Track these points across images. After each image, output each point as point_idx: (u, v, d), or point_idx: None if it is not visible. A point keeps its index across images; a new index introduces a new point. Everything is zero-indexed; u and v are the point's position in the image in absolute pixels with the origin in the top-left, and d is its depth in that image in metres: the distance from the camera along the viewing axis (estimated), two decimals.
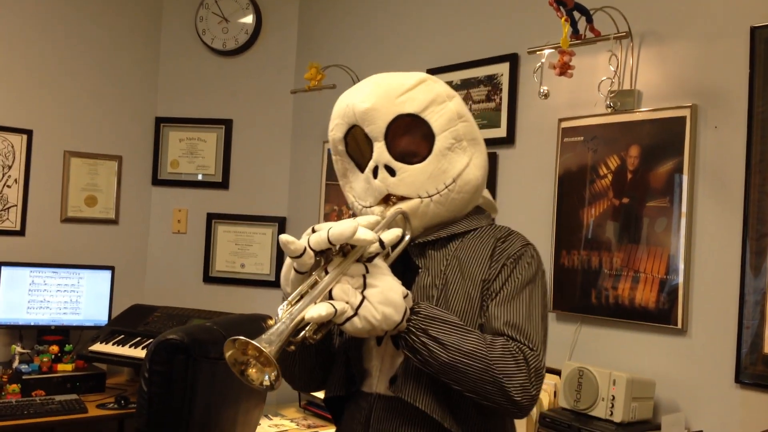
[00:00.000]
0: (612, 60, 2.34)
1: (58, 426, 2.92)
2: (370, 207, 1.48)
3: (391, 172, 1.44)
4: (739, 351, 2.03)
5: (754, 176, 2.03)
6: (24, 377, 3.01)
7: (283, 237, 1.23)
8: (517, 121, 2.72)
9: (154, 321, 3.32)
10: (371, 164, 1.46)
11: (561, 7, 2.21)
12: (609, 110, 2.33)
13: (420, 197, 1.44)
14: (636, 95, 2.31)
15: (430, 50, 3.09)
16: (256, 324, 2.27)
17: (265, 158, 3.89)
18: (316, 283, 1.22)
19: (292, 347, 1.18)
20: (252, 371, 1.14)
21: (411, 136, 1.45)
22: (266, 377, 1.13)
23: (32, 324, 3.36)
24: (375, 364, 1.44)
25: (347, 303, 1.20)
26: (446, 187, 1.44)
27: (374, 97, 1.43)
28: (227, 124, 3.90)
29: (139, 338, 3.17)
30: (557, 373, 2.34)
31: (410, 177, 1.44)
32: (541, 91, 2.35)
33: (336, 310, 1.18)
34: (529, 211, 2.64)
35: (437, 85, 1.48)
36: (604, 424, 2.06)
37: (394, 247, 1.39)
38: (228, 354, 1.14)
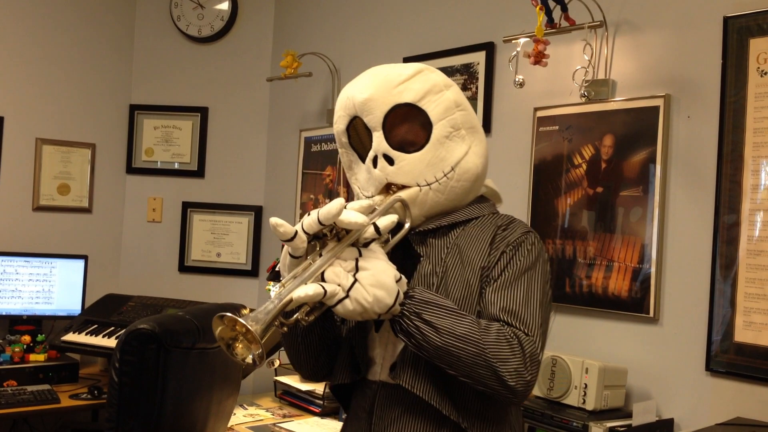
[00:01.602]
0: (586, 49, 2.34)
1: (30, 416, 2.90)
2: (372, 197, 1.49)
3: (390, 161, 1.46)
4: (709, 339, 2.05)
5: (726, 166, 2.05)
6: None
7: (273, 220, 1.24)
8: (493, 110, 2.72)
9: (128, 310, 3.29)
10: (371, 153, 1.48)
11: None
12: (583, 99, 2.33)
13: (419, 185, 1.45)
14: (610, 84, 2.32)
15: (407, 39, 3.08)
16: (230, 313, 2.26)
17: (242, 147, 3.87)
18: (310, 265, 1.25)
19: (285, 328, 1.21)
20: (239, 346, 1.17)
21: (409, 125, 1.47)
22: (251, 354, 1.15)
23: (4, 314, 3.32)
24: (378, 352, 1.46)
25: (339, 285, 1.22)
26: (445, 175, 1.46)
27: (372, 87, 1.46)
28: (203, 111, 3.86)
29: (112, 328, 3.14)
30: None
31: (408, 165, 1.45)
32: (517, 80, 2.35)
33: (326, 291, 1.20)
34: (504, 199, 2.63)
35: (434, 74, 1.50)
36: (577, 412, 2.07)
37: (393, 234, 1.40)
38: (217, 330, 1.16)
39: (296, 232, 1.25)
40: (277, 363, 3.04)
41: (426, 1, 3.02)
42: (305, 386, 2.81)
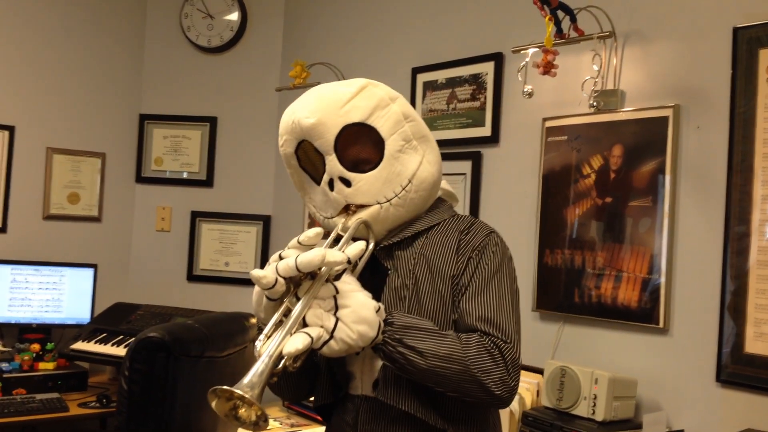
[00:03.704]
0: (596, 59, 2.34)
1: (39, 425, 2.90)
2: (332, 218, 1.48)
3: (346, 182, 1.44)
4: (720, 350, 2.04)
5: (736, 176, 2.04)
6: (5, 375, 2.98)
7: (254, 273, 1.23)
8: (501, 120, 2.72)
9: (136, 319, 3.30)
10: (326, 177, 1.45)
11: (545, 6, 2.21)
12: (592, 110, 2.34)
13: (379, 203, 1.44)
14: (619, 95, 2.32)
15: (416, 49, 3.09)
16: (238, 323, 2.26)
17: (250, 156, 3.88)
18: (289, 311, 1.23)
19: (275, 378, 1.19)
20: (242, 411, 1.16)
21: (361, 145, 1.45)
22: (254, 414, 1.15)
23: (13, 322, 3.33)
24: (357, 366, 1.46)
25: (322, 327, 1.22)
26: (403, 188, 1.44)
27: (318, 111, 1.42)
28: (212, 121, 3.88)
29: (121, 336, 3.15)
30: (540, 371, 2.34)
31: (366, 185, 1.43)
32: (525, 90, 2.36)
33: (312, 339, 1.19)
34: (513, 210, 2.65)
35: (378, 89, 1.47)
36: (587, 423, 2.06)
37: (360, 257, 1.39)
38: (214, 403, 1.14)
39: (276, 280, 1.23)
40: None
41: (435, 12, 3.04)
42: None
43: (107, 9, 3.81)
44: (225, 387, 1.11)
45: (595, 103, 2.32)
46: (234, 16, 3.83)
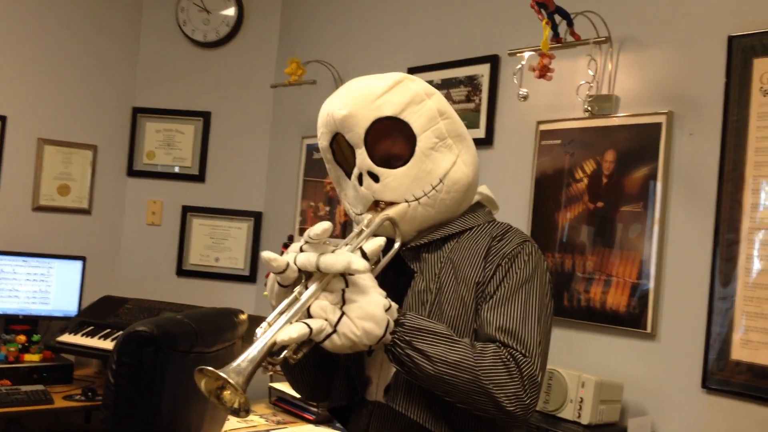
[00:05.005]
0: (591, 64, 2.35)
1: (23, 416, 2.89)
2: (361, 214, 1.44)
3: (375, 178, 1.40)
4: (706, 357, 2.05)
5: (727, 184, 2.06)
6: None
7: (265, 254, 1.19)
8: (496, 123, 2.73)
9: (124, 313, 3.28)
10: (355, 171, 1.42)
11: (542, 10, 2.22)
12: (587, 114, 2.34)
13: (407, 201, 1.39)
14: (614, 100, 2.33)
15: (412, 50, 3.09)
16: (228, 318, 2.25)
17: (243, 152, 3.87)
18: (296, 300, 1.19)
19: (275, 367, 1.16)
20: (227, 393, 1.14)
21: (392, 140, 1.41)
22: (237, 401, 1.13)
23: (0, 313, 3.30)
24: (374, 372, 1.42)
25: (326, 320, 1.17)
26: (433, 188, 1.40)
27: (351, 103, 1.39)
28: (205, 116, 3.87)
29: (108, 330, 3.13)
30: None
31: (394, 182, 1.39)
32: (521, 93, 2.36)
33: (311, 330, 1.15)
34: (505, 212, 2.62)
35: (414, 84, 1.43)
36: (572, 426, 2.07)
37: (385, 252, 1.35)
38: (202, 383, 1.13)
39: (288, 264, 1.20)
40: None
41: (432, 12, 3.04)
42: None
43: (103, 1, 3.79)
44: (212, 369, 1.09)
45: (589, 108, 2.33)
46: (230, 12, 3.83)
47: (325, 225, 1.22)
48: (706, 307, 2.07)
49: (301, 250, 1.23)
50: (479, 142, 2.74)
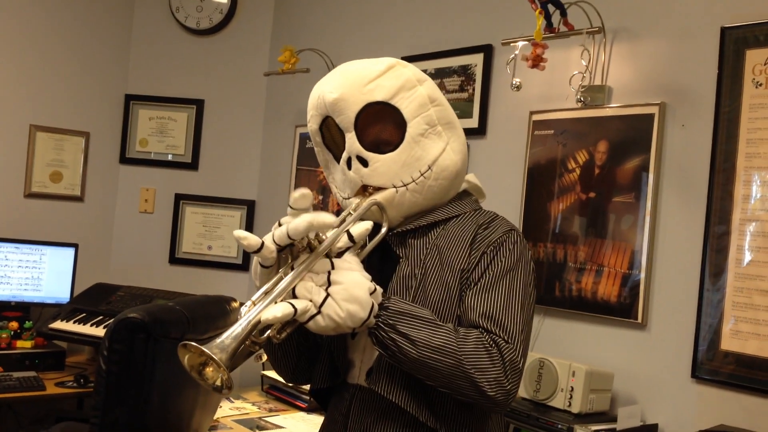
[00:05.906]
0: (584, 55, 2.35)
1: (15, 403, 2.89)
2: (348, 198, 1.45)
3: (364, 162, 1.40)
4: (696, 347, 2.07)
5: (718, 175, 2.06)
6: None
7: (237, 232, 1.19)
8: (489, 113, 2.73)
9: (116, 300, 3.28)
10: (344, 155, 1.42)
11: (536, 0, 2.22)
12: (579, 105, 2.35)
13: (395, 186, 1.40)
14: (606, 91, 2.33)
15: (406, 38, 3.09)
16: (220, 306, 2.26)
17: (236, 140, 3.86)
18: (281, 280, 1.19)
19: (258, 347, 1.16)
20: (209, 370, 1.14)
21: (382, 125, 1.42)
22: (219, 378, 1.13)
23: None
24: (357, 355, 1.43)
25: (310, 301, 1.17)
26: (422, 174, 1.40)
27: (342, 86, 1.40)
28: (199, 104, 3.85)
29: (100, 317, 3.13)
30: None
31: (383, 166, 1.39)
32: (514, 83, 2.36)
33: (296, 310, 1.15)
34: (497, 202, 2.64)
35: (406, 70, 1.44)
36: (562, 415, 2.08)
37: (371, 237, 1.36)
38: (185, 359, 1.12)
39: (263, 244, 1.19)
40: (264, 357, 3.03)
41: (425, 2, 3.03)
42: None
43: None
44: (195, 344, 1.08)
45: (582, 99, 2.33)
46: None
47: (303, 190, 1.22)
48: (697, 297, 2.08)
49: (279, 225, 1.22)
50: (472, 132, 2.74)
